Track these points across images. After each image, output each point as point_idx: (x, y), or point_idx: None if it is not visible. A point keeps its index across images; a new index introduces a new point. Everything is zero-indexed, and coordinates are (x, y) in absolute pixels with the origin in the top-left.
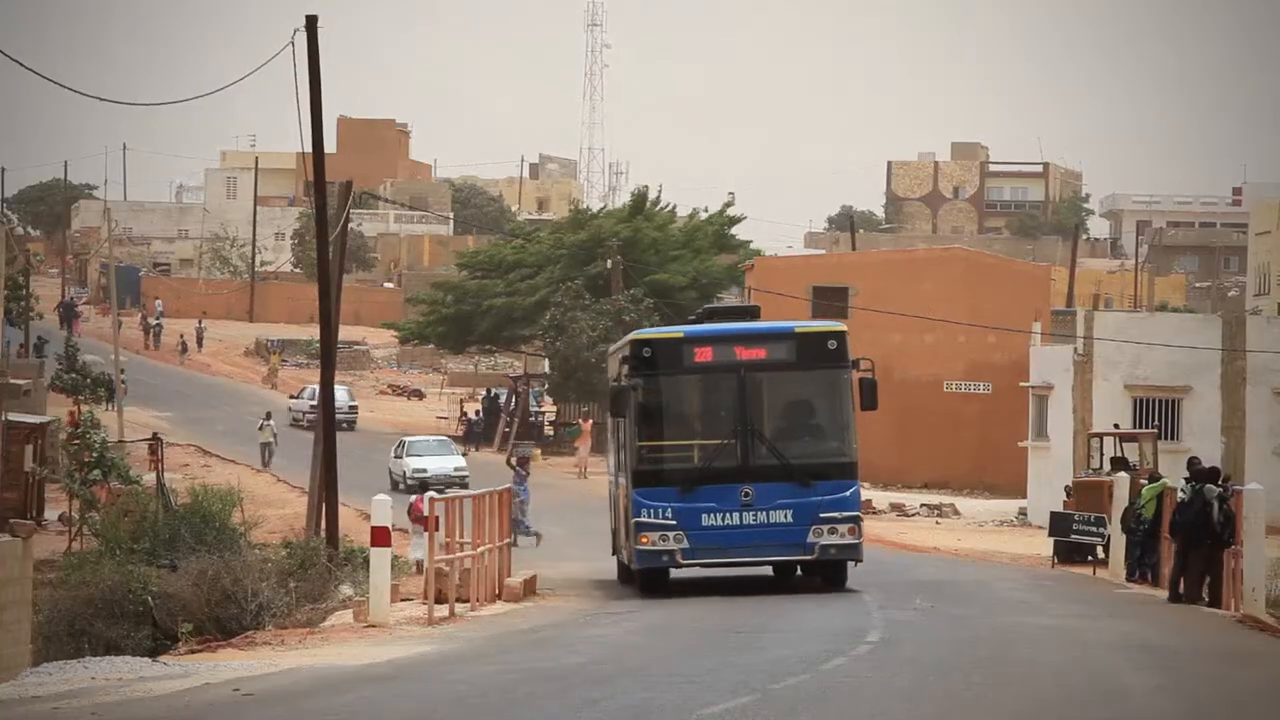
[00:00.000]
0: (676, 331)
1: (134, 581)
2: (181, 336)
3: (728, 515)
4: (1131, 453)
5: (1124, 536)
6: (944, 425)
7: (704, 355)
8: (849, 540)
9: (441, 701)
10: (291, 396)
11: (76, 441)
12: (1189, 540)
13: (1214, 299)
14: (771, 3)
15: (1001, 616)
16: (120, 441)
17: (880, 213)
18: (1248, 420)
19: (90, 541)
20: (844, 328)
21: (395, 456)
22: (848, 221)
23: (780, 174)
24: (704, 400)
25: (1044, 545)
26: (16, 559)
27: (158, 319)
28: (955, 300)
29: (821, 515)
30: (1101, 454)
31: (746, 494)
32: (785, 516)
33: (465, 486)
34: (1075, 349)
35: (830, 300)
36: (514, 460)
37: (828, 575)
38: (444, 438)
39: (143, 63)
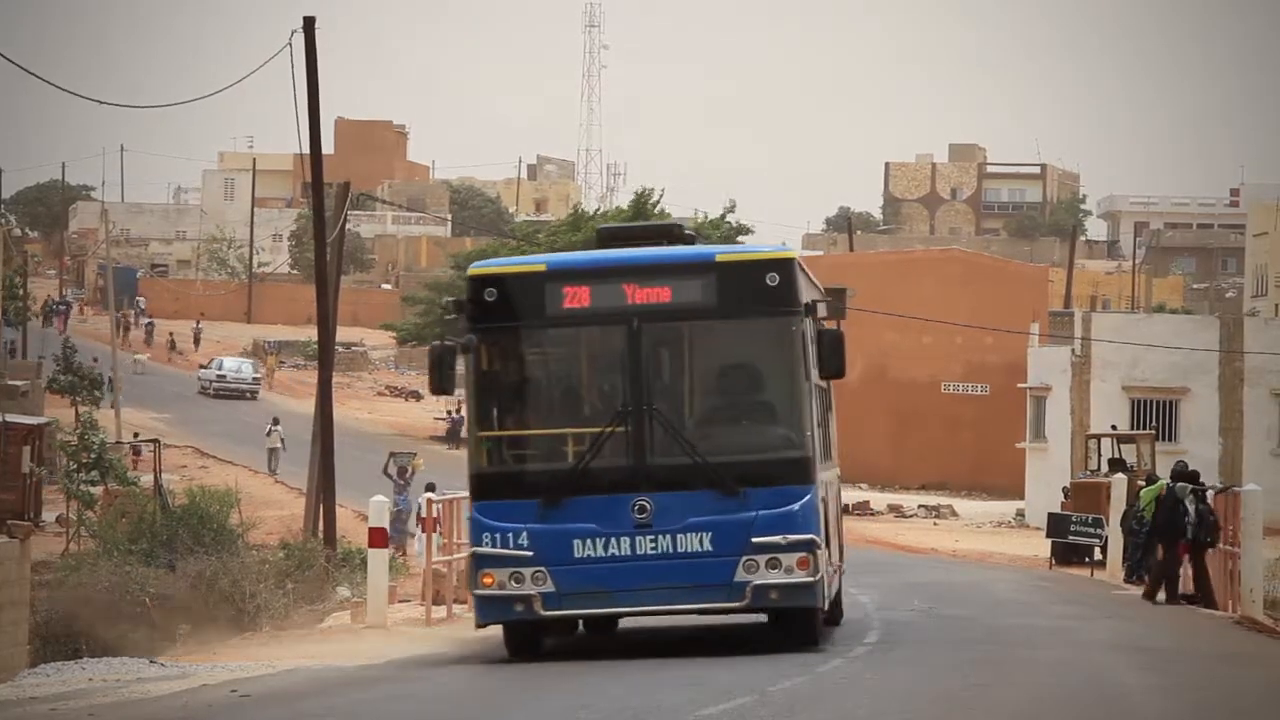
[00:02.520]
0: (536, 263)
1: (131, 583)
2: (170, 334)
3: (613, 542)
4: (1129, 454)
5: (1122, 538)
6: (942, 426)
7: (578, 298)
8: (799, 578)
9: (439, 703)
10: (201, 366)
11: (75, 443)
12: (1163, 540)
13: (1211, 300)
14: (769, 4)
15: (999, 618)
16: (119, 443)
17: (878, 214)
18: (1245, 421)
19: (88, 543)
20: (792, 254)
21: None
22: (845, 223)
23: (778, 175)
24: (578, 367)
25: (1042, 546)
26: (14, 560)
27: (141, 316)
28: (953, 301)
29: (756, 540)
30: (1099, 455)
31: (642, 509)
32: (701, 542)
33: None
34: (1073, 350)
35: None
36: (391, 470)
37: (787, 623)
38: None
39: (141, 64)
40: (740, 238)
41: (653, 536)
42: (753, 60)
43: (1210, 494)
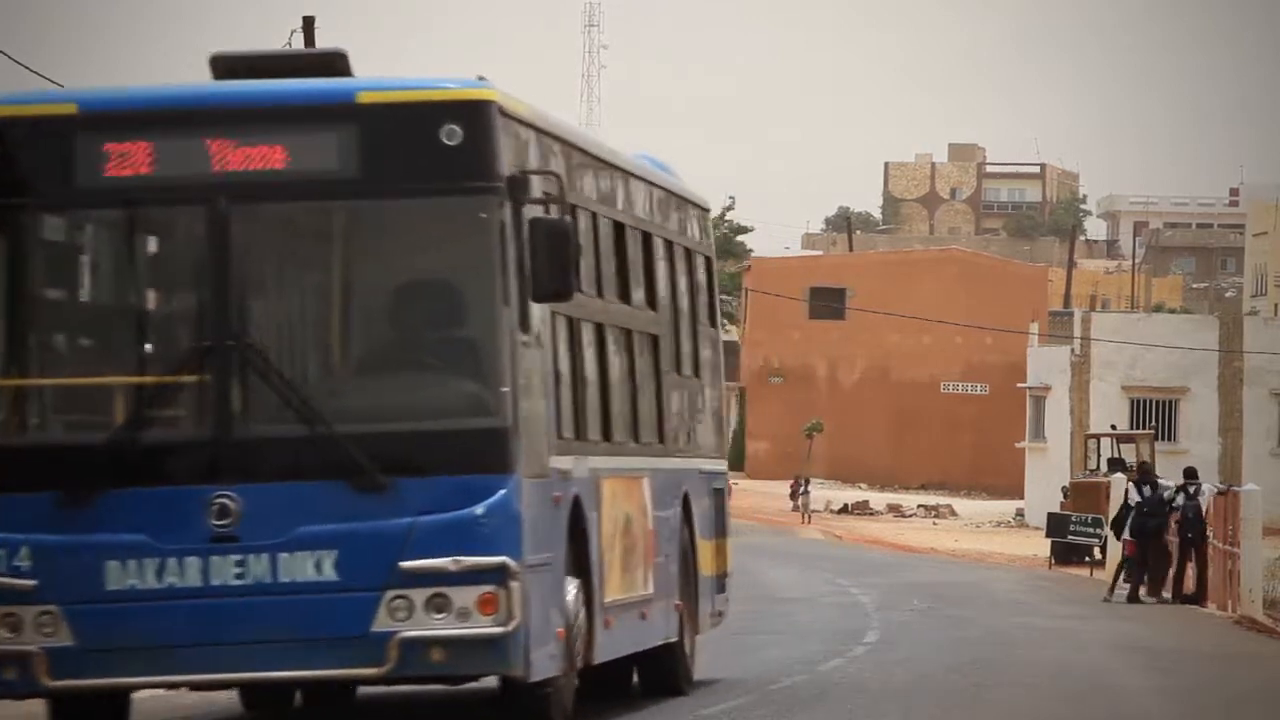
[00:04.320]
0: (63, 103)
1: None
2: None
3: (173, 565)
4: (1129, 454)
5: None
6: (941, 426)
7: (129, 160)
8: (479, 628)
9: (438, 703)
10: None
11: None
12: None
13: (1211, 300)
14: (768, 4)
15: (999, 617)
16: None
17: (877, 214)
18: (1245, 421)
19: None
20: (489, 94)
21: None
22: (845, 223)
23: (778, 175)
24: (128, 275)
25: (1041, 546)
26: None
27: None
28: (952, 301)
29: (408, 565)
30: (1099, 455)
31: (223, 511)
32: (319, 567)
33: None
34: (1072, 350)
35: (828, 301)
36: None
37: (510, 698)
38: None
39: (141, 64)
40: (739, 237)
41: (239, 557)
42: (753, 60)
43: (1207, 494)
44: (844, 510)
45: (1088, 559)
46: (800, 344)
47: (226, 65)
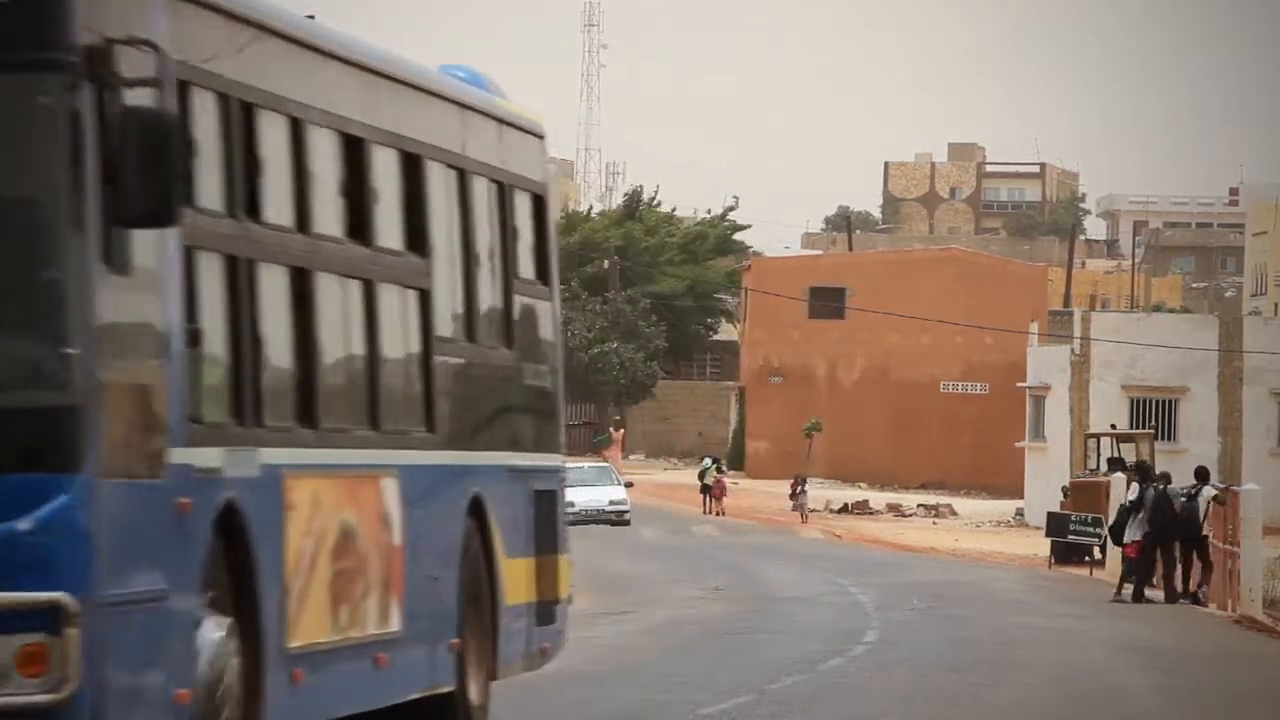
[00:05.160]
0: None
1: None
2: None
3: None
4: (1129, 453)
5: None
6: (941, 426)
7: None
8: (25, 695)
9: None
10: None
11: None
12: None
13: (1211, 299)
14: (768, 4)
15: (998, 617)
16: None
17: (877, 213)
18: (1245, 421)
19: None
20: None
21: None
22: (845, 222)
23: (778, 175)
24: None
25: (1041, 546)
26: None
27: None
28: (952, 301)
29: None
30: (1099, 454)
31: None
32: None
33: (623, 523)
34: (1072, 350)
35: (828, 301)
36: None
37: None
38: (605, 465)
39: None
40: (737, 235)
41: None
42: (753, 60)
43: (1204, 498)
44: (844, 510)
45: (1088, 559)
46: (800, 344)
47: None
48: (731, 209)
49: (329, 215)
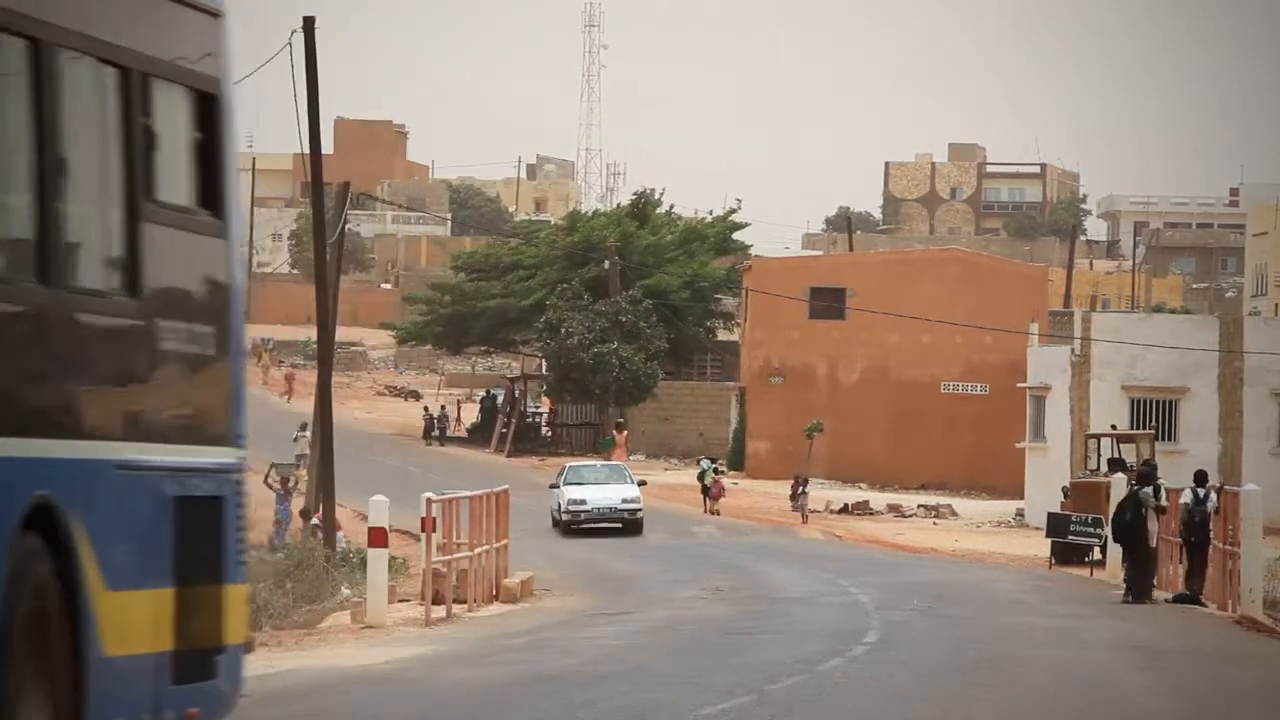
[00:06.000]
0: None
1: None
2: None
3: None
4: (1129, 454)
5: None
6: (941, 426)
7: None
8: None
9: (439, 703)
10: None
11: None
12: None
13: (1211, 300)
14: (768, 4)
15: (999, 617)
16: None
17: (878, 214)
18: (1245, 421)
19: None
20: None
21: (552, 485)
22: (845, 222)
23: (778, 175)
24: None
25: (1041, 546)
26: None
27: None
28: (953, 301)
29: None
30: (1099, 455)
31: None
32: None
33: (634, 524)
34: (1072, 350)
35: (828, 301)
36: (273, 480)
37: None
38: (619, 463)
39: None
40: (736, 235)
41: None
42: (753, 59)
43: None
44: (844, 510)
45: (1088, 559)
46: (800, 344)
47: None
48: (734, 211)
49: None
